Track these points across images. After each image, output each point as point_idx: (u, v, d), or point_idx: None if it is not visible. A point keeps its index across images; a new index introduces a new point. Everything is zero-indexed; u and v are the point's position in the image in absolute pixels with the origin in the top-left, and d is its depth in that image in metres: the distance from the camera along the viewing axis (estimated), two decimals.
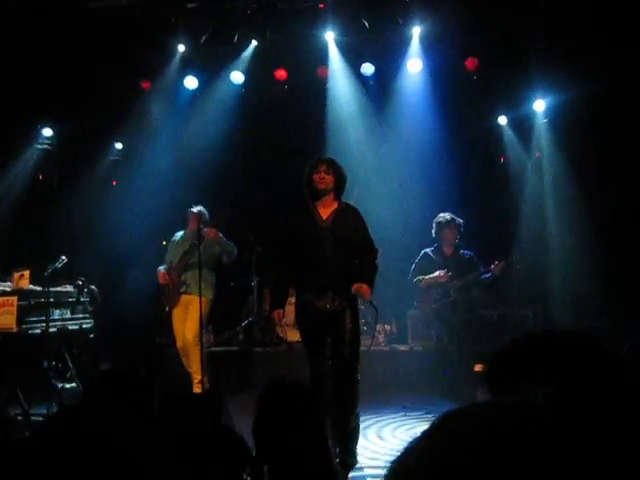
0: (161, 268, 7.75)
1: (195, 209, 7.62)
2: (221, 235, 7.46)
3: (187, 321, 7.52)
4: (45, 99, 9.04)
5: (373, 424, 6.44)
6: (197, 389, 7.42)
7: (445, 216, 7.63)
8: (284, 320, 5.51)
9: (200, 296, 6.93)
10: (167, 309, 7.76)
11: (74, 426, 1.60)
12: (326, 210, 5.25)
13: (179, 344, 7.67)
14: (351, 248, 5.16)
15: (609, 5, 7.67)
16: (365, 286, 5.06)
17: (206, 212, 7.69)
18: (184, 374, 7.80)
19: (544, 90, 8.90)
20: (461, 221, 7.63)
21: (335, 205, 5.28)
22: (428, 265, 7.60)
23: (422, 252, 7.76)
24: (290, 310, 8.81)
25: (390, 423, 6.56)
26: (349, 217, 5.25)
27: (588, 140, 8.34)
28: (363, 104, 9.76)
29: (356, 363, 5.12)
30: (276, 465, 2.51)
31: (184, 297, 7.61)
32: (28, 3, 8.14)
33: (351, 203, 5.50)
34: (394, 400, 7.44)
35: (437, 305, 7.47)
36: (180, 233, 7.93)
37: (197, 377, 7.42)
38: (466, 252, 7.69)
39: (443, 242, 7.67)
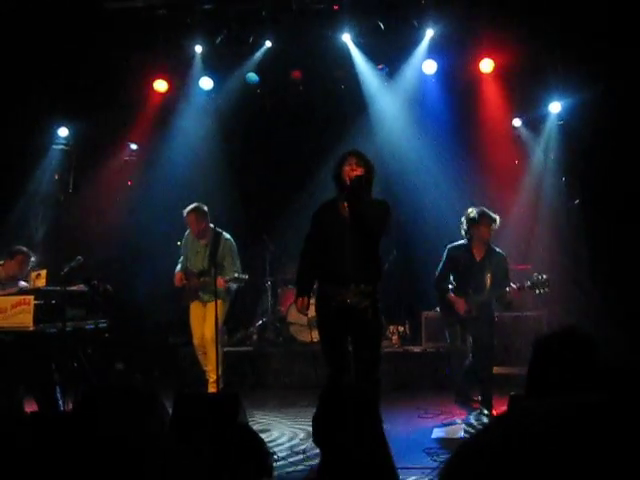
0: (178, 269, 7.82)
1: (190, 208, 7.59)
2: (229, 283, 7.52)
3: (207, 320, 7.57)
4: (61, 99, 9.10)
5: (386, 426, 6.43)
6: (212, 388, 7.47)
7: (476, 210, 6.90)
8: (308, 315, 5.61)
9: (216, 299, 7.00)
10: (186, 305, 7.84)
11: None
12: (356, 200, 5.16)
13: (196, 341, 7.76)
14: (371, 242, 5.16)
15: (626, 8, 7.63)
16: None
17: (203, 209, 7.61)
18: (198, 373, 7.85)
19: (559, 92, 8.87)
20: (497, 217, 6.91)
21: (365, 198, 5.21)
22: (455, 267, 6.97)
23: (449, 250, 7.03)
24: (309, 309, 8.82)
25: (404, 424, 6.55)
26: (375, 210, 5.20)
27: (602, 143, 8.31)
28: (380, 104, 9.75)
29: (377, 364, 5.19)
30: (336, 464, 2.52)
31: (202, 297, 7.72)
32: (45, 4, 8.19)
33: (380, 198, 5.46)
34: (408, 401, 7.44)
35: (459, 319, 7.03)
36: (189, 231, 7.87)
37: (213, 376, 7.47)
38: (498, 252, 6.95)
39: (474, 241, 6.92)
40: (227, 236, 7.60)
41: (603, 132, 8.23)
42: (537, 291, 6.77)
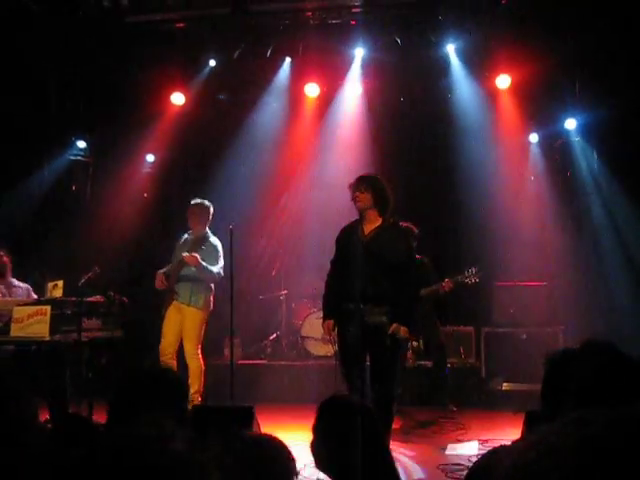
0: (160, 272, 7.63)
1: (195, 202, 7.60)
2: (203, 263, 7.26)
3: (186, 333, 7.40)
4: (79, 111, 9.19)
5: (400, 442, 6.41)
6: (194, 398, 7.20)
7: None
8: (333, 334, 5.64)
9: (196, 308, 7.23)
10: (163, 312, 7.61)
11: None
12: (370, 226, 5.43)
13: (162, 344, 7.46)
14: (388, 266, 5.29)
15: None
16: (402, 328, 5.24)
17: (207, 206, 7.61)
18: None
19: (576, 109, 8.86)
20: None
21: (378, 222, 5.44)
22: None
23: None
24: (317, 324, 8.94)
25: (417, 440, 6.53)
26: (391, 235, 5.40)
27: (620, 158, 8.29)
28: (397, 120, 9.79)
29: (394, 381, 5.34)
30: None
31: (176, 303, 7.49)
32: (65, 18, 8.29)
33: (397, 223, 5.65)
34: (421, 417, 7.41)
35: None
36: (186, 235, 7.83)
37: (194, 388, 7.20)
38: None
39: None
40: (214, 239, 7.53)
41: (620, 148, 8.21)
42: (467, 281, 7.59)
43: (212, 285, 7.53)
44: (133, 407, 2.41)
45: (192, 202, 7.62)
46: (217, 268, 7.39)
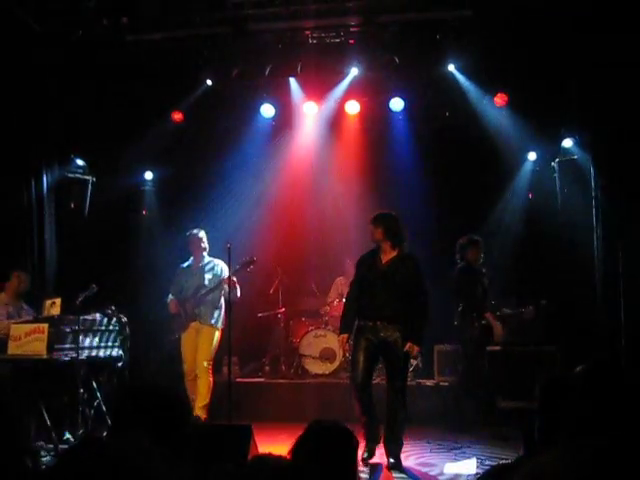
0: (171, 297, 8.08)
1: (197, 232, 8.12)
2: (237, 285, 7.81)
3: (200, 347, 7.88)
4: (78, 128, 9.20)
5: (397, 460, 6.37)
6: (199, 412, 7.69)
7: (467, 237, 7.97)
8: (345, 346, 7.02)
9: (214, 325, 7.82)
10: (177, 336, 8.06)
11: (98, 457, 1.62)
12: (386, 256, 6.37)
13: (186, 367, 7.94)
14: (401, 290, 6.18)
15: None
16: (416, 348, 6.25)
17: (201, 236, 8.16)
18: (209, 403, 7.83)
19: (573, 127, 8.88)
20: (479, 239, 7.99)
21: (394, 253, 6.37)
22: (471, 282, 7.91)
23: (459, 267, 7.98)
24: (315, 343, 8.93)
25: (417, 458, 6.50)
26: (405, 265, 6.30)
27: (618, 176, 8.30)
28: (395, 137, 9.84)
29: (405, 380, 6.39)
30: None
31: (195, 324, 7.98)
32: (65, 35, 8.33)
33: (411, 253, 6.49)
34: (420, 435, 7.38)
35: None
36: (187, 262, 8.27)
37: (201, 402, 7.74)
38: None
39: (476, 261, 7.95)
40: (218, 261, 8.10)
41: (620, 165, 8.21)
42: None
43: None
44: (132, 425, 2.40)
45: (190, 232, 8.18)
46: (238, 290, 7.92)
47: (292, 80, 9.51)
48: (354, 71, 9.21)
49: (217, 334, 7.90)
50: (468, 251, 7.93)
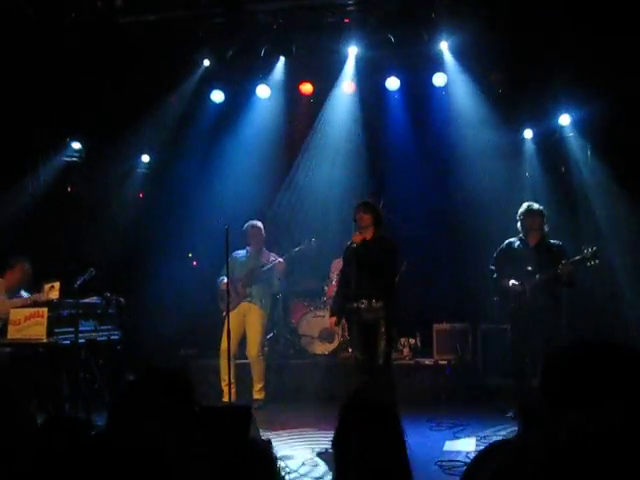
0: (223, 278, 8.00)
1: (256, 223, 8.45)
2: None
3: (251, 336, 8.31)
4: (74, 112, 9.16)
5: None
6: (258, 395, 8.23)
7: (525, 204, 7.39)
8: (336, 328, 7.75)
9: (264, 312, 8.40)
10: (224, 314, 7.85)
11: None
12: (365, 239, 6.55)
13: (223, 346, 7.89)
14: (375, 269, 6.46)
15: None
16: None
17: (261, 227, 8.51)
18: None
19: (570, 103, 8.87)
20: (542, 208, 7.36)
21: (371, 234, 6.59)
22: (512, 257, 7.31)
23: (505, 242, 7.46)
24: (314, 323, 8.97)
25: (415, 437, 6.53)
26: (378, 245, 6.52)
27: (616, 154, 8.30)
28: (391, 117, 9.80)
29: (389, 360, 6.57)
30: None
31: (244, 305, 8.33)
32: (58, 17, 8.27)
33: (388, 236, 6.72)
34: (419, 414, 7.42)
35: (514, 305, 7.18)
36: (242, 252, 8.49)
37: (259, 384, 8.28)
38: (554, 242, 7.31)
39: (528, 231, 7.31)
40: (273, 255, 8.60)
41: (615, 143, 8.22)
42: (588, 263, 6.94)
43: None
44: (140, 406, 2.43)
45: (251, 224, 8.50)
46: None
47: (287, 61, 9.45)
48: (353, 50, 9.17)
49: (266, 318, 8.39)
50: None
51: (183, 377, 2.58)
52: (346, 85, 9.67)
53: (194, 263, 10.35)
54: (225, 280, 7.84)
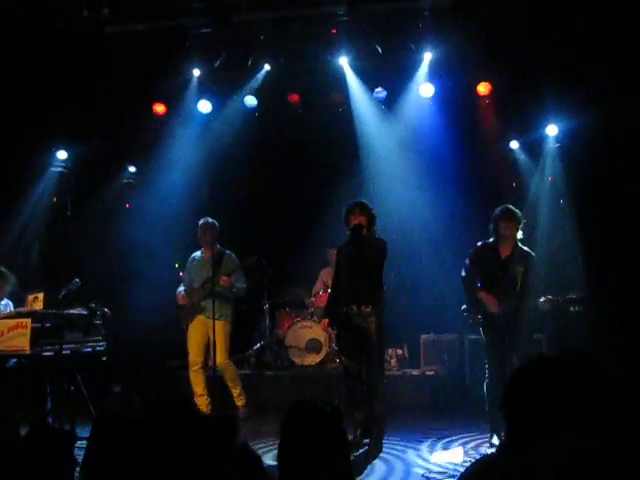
0: (181, 290, 8.02)
1: (209, 221, 7.99)
2: (234, 284, 7.84)
3: (217, 345, 7.81)
4: (60, 122, 9.11)
5: (384, 449, 6.38)
6: (237, 401, 7.98)
7: (503, 207, 6.61)
8: (328, 330, 7.35)
9: (225, 321, 7.72)
10: (184, 326, 8.00)
11: None
12: (359, 241, 6.36)
13: (192, 358, 7.92)
14: (369, 272, 6.35)
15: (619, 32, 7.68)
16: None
17: (216, 225, 8.02)
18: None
19: (556, 115, 8.91)
20: (519, 213, 6.61)
21: (365, 237, 6.39)
22: (483, 264, 6.58)
23: (478, 245, 6.72)
24: (301, 334, 8.94)
25: (402, 448, 6.50)
26: (371, 247, 6.40)
27: (600, 165, 8.33)
28: (378, 127, 9.80)
29: (381, 366, 6.58)
30: None
31: (201, 317, 7.93)
32: (45, 26, 8.23)
33: (381, 238, 6.55)
34: (406, 425, 7.39)
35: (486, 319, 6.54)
36: (198, 253, 8.15)
37: (235, 391, 8.02)
38: (526, 252, 6.59)
39: (501, 238, 6.56)
40: (230, 253, 8.07)
41: (601, 154, 8.25)
42: (571, 308, 6.49)
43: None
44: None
45: (203, 221, 7.98)
46: (244, 283, 8.04)
47: (275, 71, 9.43)
48: (343, 60, 9.18)
49: (228, 327, 7.91)
50: None
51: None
52: (335, 95, 9.68)
53: (180, 274, 10.28)
54: (182, 293, 7.97)
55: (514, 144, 9.57)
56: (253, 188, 10.26)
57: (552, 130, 9.08)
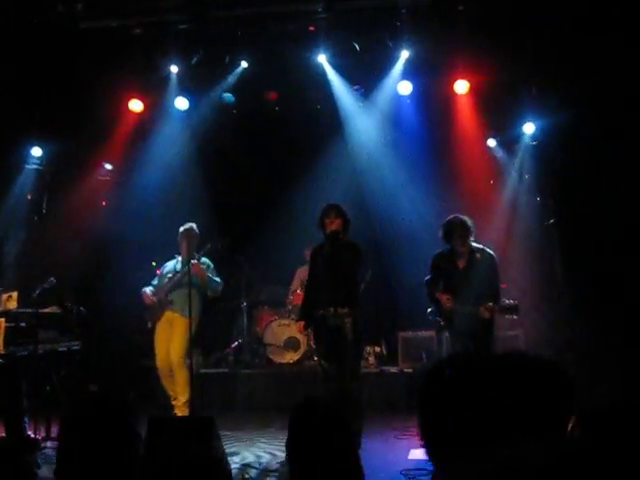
0: (147, 289, 7.80)
1: (192, 226, 7.77)
2: (205, 272, 7.59)
3: (173, 342, 7.54)
4: (35, 119, 9.02)
5: (363, 447, 6.37)
6: (180, 412, 7.43)
7: (458, 219, 6.74)
8: (304, 332, 7.23)
9: (190, 317, 6.97)
10: (150, 325, 7.77)
11: None
12: (334, 244, 6.45)
13: (159, 363, 7.66)
14: (344, 275, 6.37)
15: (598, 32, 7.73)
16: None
17: (195, 229, 7.78)
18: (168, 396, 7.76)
19: (533, 113, 8.94)
20: (470, 222, 6.74)
21: (340, 238, 6.49)
22: (443, 271, 6.85)
23: (436, 255, 6.94)
24: (279, 332, 8.92)
25: (380, 445, 6.51)
26: (347, 251, 6.45)
27: (575, 163, 8.38)
28: (356, 124, 9.80)
29: (354, 378, 6.34)
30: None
31: (168, 313, 7.67)
32: (19, 22, 8.14)
33: (356, 242, 6.60)
34: (384, 422, 7.40)
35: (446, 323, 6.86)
36: (172, 262, 7.99)
37: (181, 399, 7.46)
38: (487, 252, 6.77)
39: (456, 249, 6.78)
40: (205, 259, 7.76)
41: (576, 152, 8.29)
42: (506, 316, 6.87)
43: (202, 295, 7.73)
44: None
45: (184, 228, 7.74)
46: (219, 280, 7.75)
47: (252, 68, 9.38)
48: (322, 58, 9.15)
49: (193, 325, 7.23)
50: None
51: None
52: (312, 92, 9.66)
53: (158, 272, 10.22)
54: (148, 292, 7.74)
55: (491, 142, 9.60)
56: (230, 186, 10.23)
57: (529, 128, 9.12)
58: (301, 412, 2.59)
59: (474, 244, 6.80)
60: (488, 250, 6.82)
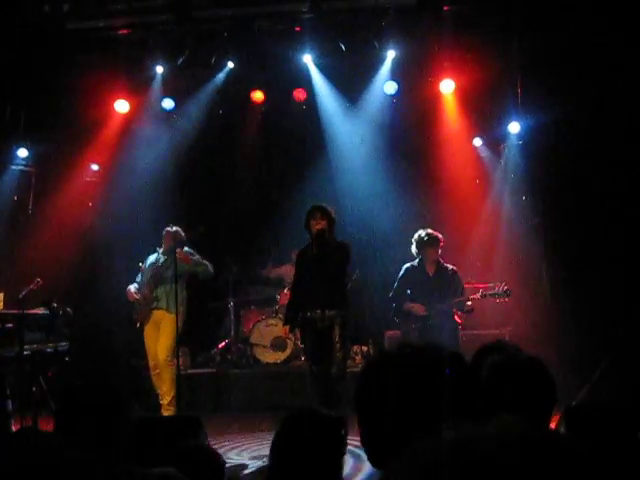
0: (131, 287, 7.82)
1: (171, 228, 7.70)
2: (191, 256, 7.62)
3: (159, 340, 7.59)
4: (21, 119, 8.99)
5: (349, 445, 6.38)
6: (166, 411, 7.45)
7: (423, 233, 7.34)
8: (290, 335, 7.47)
9: (176, 313, 7.09)
10: (138, 325, 7.80)
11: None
12: (321, 245, 6.42)
13: (150, 362, 7.71)
14: (332, 276, 6.38)
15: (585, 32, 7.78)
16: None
17: (182, 233, 7.73)
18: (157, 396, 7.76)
19: (519, 113, 8.99)
20: (440, 236, 7.32)
21: (328, 241, 6.46)
22: (411, 282, 7.30)
23: (405, 267, 7.43)
24: (266, 332, 8.92)
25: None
26: (336, 251, 6.47)
27: (561, 162, 8.43)
28: (342, 124, 9.81)
29: (340, 380, 6.34)
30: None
31: (155, 313, 7.70)
32: (5, 22, 8.11)
33: (345, 241, 6.72)
34: None
35: (417, 326, 7.14)
36: (154, 255, 7.94)
37: (167, 398, 7.49)
38: (449, 267, 7.36)
39: (425, 260, 7.34)
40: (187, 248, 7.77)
41: (562, 152, 8.34)
42: (498, 300, 7.19)
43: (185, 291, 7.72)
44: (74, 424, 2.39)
45: (170, 229, 7.73)
46: (207, 262, 7.79)
47: (238, 69, 9.38)
48: (307, 58, 9.16)
49: (180, 322, 7.24)
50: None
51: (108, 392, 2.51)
52: (297, 93, 9.67)
53: (141, 268, 10.21)
54: (132, 290, 7.76)
55: (477, 141, 9.64)
56: (216, 187, 10.22)
57: (514, 127, 9.16)
58: (287, 428, 2.58)
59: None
60: (451, 266, 7.40)
